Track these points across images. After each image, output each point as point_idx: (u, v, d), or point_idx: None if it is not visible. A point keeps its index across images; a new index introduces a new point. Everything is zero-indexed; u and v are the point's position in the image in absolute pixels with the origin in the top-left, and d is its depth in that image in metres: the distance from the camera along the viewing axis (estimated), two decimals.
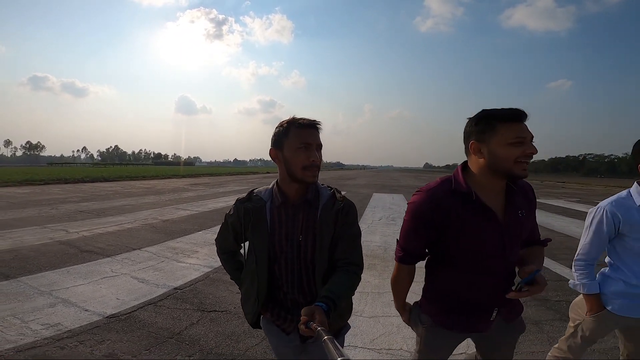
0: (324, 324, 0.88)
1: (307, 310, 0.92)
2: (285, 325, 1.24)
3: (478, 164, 1.14)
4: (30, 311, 2.80)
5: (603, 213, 1.47)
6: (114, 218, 7.40)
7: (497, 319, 1.25)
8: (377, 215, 8.93)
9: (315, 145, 1.14)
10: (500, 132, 1.06)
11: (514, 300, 1.23)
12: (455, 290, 1.24)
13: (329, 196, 1.20)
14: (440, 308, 1.28)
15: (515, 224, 1.16)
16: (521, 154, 1.05)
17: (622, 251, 1.47)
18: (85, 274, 3.74)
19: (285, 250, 1.18)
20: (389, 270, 4.22)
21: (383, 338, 2.54)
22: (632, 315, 1.46)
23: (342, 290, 1.08)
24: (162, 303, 3.07)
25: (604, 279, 1.53)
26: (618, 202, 1.46)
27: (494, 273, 1.18)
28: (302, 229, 1.17)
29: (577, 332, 1.62)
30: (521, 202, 1.19)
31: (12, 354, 2.19)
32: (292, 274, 1.19)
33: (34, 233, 5.74)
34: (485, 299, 1.21)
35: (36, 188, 14.78)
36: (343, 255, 1.17)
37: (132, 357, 2.20)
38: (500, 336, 1.32)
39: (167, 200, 11.02)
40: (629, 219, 1.42)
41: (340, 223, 1.17)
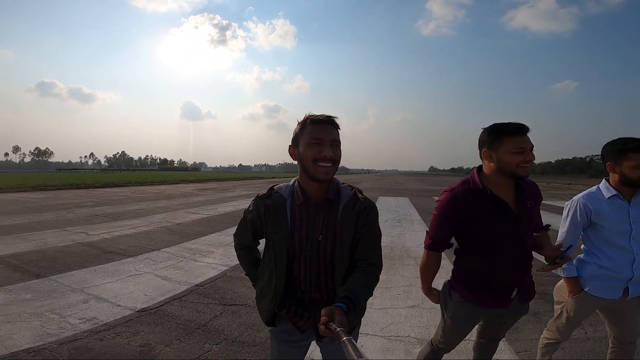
0: (343, 325, 0.88)
1: (327, 310, 0.92)
2: (301, 323, 1.24)
3: (490, 167, 1.42)
4: (67, 307, 3.04)
5: (577, 205, 1.71)
6: (129, 221, 7.69)
7: (516, 297, 1.50)
8: (383, 217, 9.13)
9: (329, 141, 1.12)
10: (505, 143, 1.34)
11: (530, 281, 1.53)
12: (481, 272, 1.49)
13: (350, 196, 1.20)
14: (468, 287, 1.53)
15: (525, 212, 1.42)
16: (522, 161, 1.33)
17: (595, 238, 1.70)
18: (111, 273, 4.01)
19: (305, 249, 1.18)
20: (394, 268, 4.44)
21: (392, 327, 2.76)
22: (606, 296, 1.67)
23: (361, 291, 1.08)
24: (186, 298, 3.32)
25: (581, 264, 1.76)
26: (589, 196, 1.71)
27: (513, 255, 1.43)
28: (322, 228, 1.17)
29: (563, 314, 1.84)
30: (529, 195, 1.46)
31: (56, 346, 2.38)
32: (310, 273, 1.19)
33: (56, 235, 6.03)
34: (507, 279, 1.47)
35: (49, 193, 15.20)
36: (363, 256, 1.17)
37: (165, 346, 2.42)
38: (510, 313, 1.57)
39: (178, 205, 11.33)
40: (599, 209, 1.66)
41: (361, 223, 1.17)
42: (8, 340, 2.40)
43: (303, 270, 1.19)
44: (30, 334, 2.52)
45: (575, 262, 1.78)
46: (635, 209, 1.62)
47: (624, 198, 1.63)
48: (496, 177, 1.41)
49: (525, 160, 1.33)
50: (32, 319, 2.76)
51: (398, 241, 6.08)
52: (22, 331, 2.55)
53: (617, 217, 1.62)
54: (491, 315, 1.64)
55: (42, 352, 2.28)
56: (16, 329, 2.58)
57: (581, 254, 1.79)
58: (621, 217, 1.62)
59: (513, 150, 1.33)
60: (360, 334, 2.59)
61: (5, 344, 2.35)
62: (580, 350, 2.42)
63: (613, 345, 1.81)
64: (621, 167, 1.59)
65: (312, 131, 1.12)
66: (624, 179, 1.60)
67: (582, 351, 2.42)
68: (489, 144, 1.39)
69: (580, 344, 2.50)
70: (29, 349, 2.30)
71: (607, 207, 1.65)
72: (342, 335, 0.79)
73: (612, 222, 1.63)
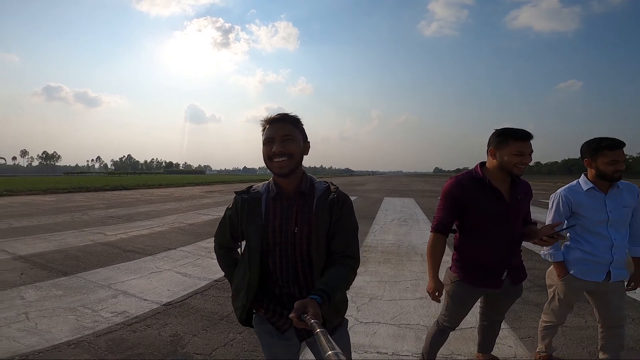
0: (317, 317, 0.87)
1: (300, 303, 0.92)
2: (280, 323, 1.22)
3: (492, 164, 1.68)
4: (97, 302, 3.23)
5: (559, 197, 1.94)
6: (143, 222, 7.93)
7: (506, 279, 1.74)
8: (390, 217, 9.30)
9: (280, 137, 1.14)
10: (510, 146, 1.59)
11: (519, 265, 1.78)
12: (476, 254, 1.74)
13: (324, 189, 1.23)
14: (465, 269, 1.78)
15: (516, 203, 1.68)
16: (519, 162, 1.59)
17: (578, 227, 1.91)
18: (134, 270, 4.22)
19: (280, 241, 1.18)
20: (402, 263, 4.62)
21: (402, 316, 2.95)
22: (590, 279, 1.89)
23: (337, 283, 1.08)
24: (207, 292, 3.52)
25: (566, 249, 1.98)
26: (569, 189, 1.94)
27: (503, 240, 1.67)
28: (297, 220, 1.18)
29: (555, 297, 2.05)
30: (520, 190, 1.72)
31: (93, 338, 2.53)
32: (287, 267, 1.18)
33: (75, 236, 6.27)
34: (498, 261, 1.71)
35: (61, 196, 15.54)
36: (340, 249, 1.18)
37: (193, 336, 2.61)
38: (504, 294, 1.81)
39: (188, 207, 11.58)
40: (578, 201, 1.89)
41: (336, 215, 1.18)
42: (47, 334, 2.56)
43: (279, 264, 1.19)
44: (68, 327, 2.68)
45: (563, 248, 2.00)
46: (611, 200, 1.84)
47: (600, 190, 1.86)
48: (496, 172, 1.67)
49: (523, 162, 1.59)
50: (67, 314, 2.94)
51: (405, 239, 6.25)
52: (59, 325, 2.72)
53: (595, 207, 1.85)
54: (487, 297, 1.89)
55: (81, 344, 2.43)
56: (53, 323, 2.75)
57: (567, 241, 2.00)
58: (599, 207, 1.84)
59: (514, 153, 1.58)
60: (373, 322, 2.79)
61: (46, 338, 2.50)
62: (581, 337, 2.59)
63: (602, 331, 1.99)
64: (596, 162, 1.82)
65: (266, 132, 1.18)
66: (600, 174, 1.83)
67: (583, 337, 2.58)
68: (497, 144, 1.64)
69: (581, 331, 2.67)
70: (69, 342, 2.45)
71: (585, 199, 1.87)
72: (315, 327, 0.78)
73: (591, 212, 1.85)
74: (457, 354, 2.33)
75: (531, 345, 2.43)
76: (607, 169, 1.78)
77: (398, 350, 2.39)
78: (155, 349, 2.41)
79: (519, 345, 2.46)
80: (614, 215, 1.83)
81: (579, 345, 2.48)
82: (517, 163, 1.59)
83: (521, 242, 1.76)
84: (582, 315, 2.93)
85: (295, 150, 1.16)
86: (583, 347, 2.44)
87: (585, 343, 2.50)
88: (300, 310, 0.90)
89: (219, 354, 2.36)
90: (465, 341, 2.48)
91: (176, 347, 2.44)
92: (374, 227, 7.61)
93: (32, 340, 2.47)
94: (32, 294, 3.36)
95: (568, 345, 2.47)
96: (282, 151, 1.14)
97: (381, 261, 4.75)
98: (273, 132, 1.16)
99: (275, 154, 1.14)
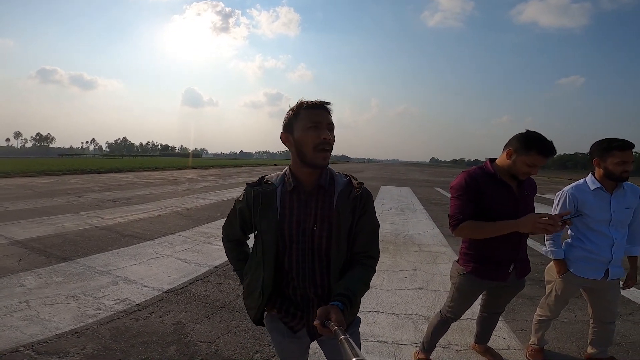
0: (341, 323, 0.86)
1: (323, 310, 0.91)
2: (293, 323, 1.18)
3: (505, 162, 1.69)
4: (98, 289, 3.22)
5: (566, 195, 1.97)
6: (140, 206, 7.91)
7: (513, 272, 1.78)
8: (387, 206, 9.37)
9: (326, 124, 1.08)
10: (528, 155, 1.59)
11: (525, 258, 1.83)
12: (484, 248, 1.76)
13: (345, 183, 1.15)
14: (473, 262, 1.81)
15: (524, 197, 1.74)
16: (529, 171, 1.63)
17: (580, 225, 1.95)
18: (134, 256, 4.23)
19: (296, 239, 1.11)
20: (400, 253, 4.70)
21: (400, 306, 3.02)
22: (589, 276, 1.94)
23: (358, 286, 1.06)
24: (208, 279, 3.55)
25: (568, 247, 2.02)
26: (577, 187, 1.97)
27: (511, 234, 1.65)
28: (316, 217, 1.11)
29: (552, 292, 2.11)
30: (527, 186, 1.78)
31: (96, 327, 2.50)
32: (303, 266, 1.12)
33: (72, 220, 6.23)
34: (505, 254, 1.75)
35: (56, 178, 15.37)
36: (363, 249, 1.14)
37: (196, 324, 2.64)
38: (508, 287, 1.86)
39: (185, 190, 11.54)
40: (584, 200, 1.92)
41: (359, 213, 1.13)
42: (50, 323, 2.53)
43: (295, 263, 1.12)
44: (70, 315, 2.66)
45: (564, 245, 2.03)
46: (616, 200, 1.88)
47: (606, 190, 1.89)
48: (505, 169, 1.71)
49: (531, 173, 1.65)
50: (68, 301, 2.92)
51: (402, 229, 6.32)
52: (61, 313, 2.69)
53: (600, 206, 1.88)
54: (491, 289, 1.92)
55: (85, 333, 2.42)
56: (55, 311, 2.73)
57: (568, 239, 2.04)
58: (603, 207, 1.88)
59: (528, 163, 1.60)
60: (372, 312, 2.85)
61: (49, 327, 2.48)
62: (571, 331, 2.67)
63: (594, 325, 2.07)
64: (606, 162, 1.85)
65: (309, 115, 1.07)
66: (608, 174, 1.85)
67: (572, 331, 2.67)
68: (517, 148, 1.62)
69: (570, 326, 2.76)
70: (72, 331, 2.45)
71: (591, 198, 1.90)
72: (339, 334, 0.78)
73: (595, 211, 1.89)
74: (454, 344, 2.40)
75: (524, 337, 2.51)
76: (616, 169, 1.81)
77: (398, 340, 2.45)
78: (159, 337, 2.44)
79: (513, 337, 2.54)
80: (616, 216, 1.87)
81: (569, 339, 2.56)
82: (526, 173, 1.64)
83: (527, 236, 1.79)
84: (572, 310, 3.01)
85: (333, 141, 1.11)
86: (572, 342, 2.52)
87: (574, 337, 2.58)
88: (324, 317, 0.89)
89: (222, 341, 2.41)
90: (461, 332, 2.55)
91: (180, 335, 2.48)
92: None
93: (35, 329, 2.46)
94: (31, 281, 3.35)
95: (558, 339, 2.55)
96: (330, 141, 1.08)
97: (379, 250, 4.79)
98: (320, 117, 1.07)
99: (325, 141, 1.06)
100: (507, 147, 1.68)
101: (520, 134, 1.65)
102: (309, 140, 1.06)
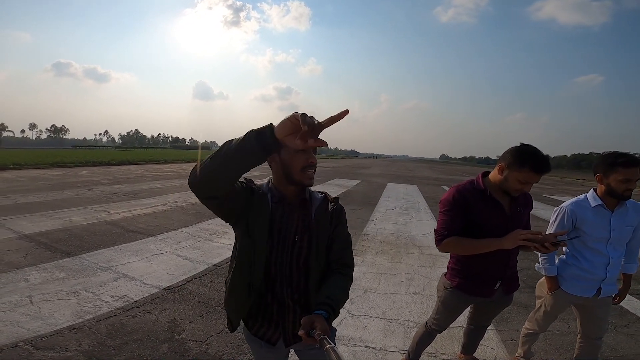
0: (325, 332, 0.88)
1: (308, 319, 0.92)
2: (270, 334, 1.20)
3: (497, 178, 1.65)
4: (99, 285, 3.30)
5: (565, 211, 1.90)
6: (147, 200, 8.04)
7: (499, 289, 1.75)
8: (391, 204, 9.33)
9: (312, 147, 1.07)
10: (521, 172, 1.52)
11: (513, 275, 1.78)
12: (471, 265, 1.74)
13: (321, 199, 1.24)
14: (459, 276, 1.79)
15: (516, 215, 1.68)
16: (521, 189, 1.57)
17: (577, 243, 1.89)
18: (135, 252, 4.33)
19: (276, 248, 1.16)
20: (400, 255, 4.69)
21: (393, 311, 3.02)
22: (581, 294, 1.89)
23: (339, 295, 1.09)
24: (205, 277, 3.62)
25: (562, 264, 1.97)
26: (577, 203, 1.89)
27: (500, 251, 1.61)
28: (297, 228, 1.17)
29: (542, 308, 2.07)
30: (520, 203, 1.70)
31: (94, 323, 2.56)
32: (281, 275, 1.17)
33: (80, 214, 6.37)
34: (492, 271, 1.71)
35: (67, 170, 15.69)
36: (337, 257, 1.20)
37: (190, 322, 2.70)
38: (494, 303, 1.83)
39: None
40: (584, 217, 1.84)
41: (334, 224, 1.21)
42: (50, 319, 2.61)
43: (273, 271, 1.16)
44: (70, 311, 2.74)
45: (558, 262, 1.99)
46: (616, 219, 1.81)
47: (607, 208, 1.82)
48: (497, 185, 1.66)
49: (523, 190, 1.59)
50: (69, 297, 3.01)
51: (404, 229, 6.29)
52: (61, 309, 2.77)
53: (599, 224, 1.82)
54: (478, 304, 1.91)
55: (82, 329, 2.49)
56: (56, 307, 2.82)
57: (563, 255, 2.00)
58: (603, 225, 1.81)
59: (520, 180, 1.54)
60: (364, 316, 2.88)
61: (48, 322, 2.56)
62: (561, 343, 2.65)
63: (581, 341, 2.03)
64: (608, 179, 1.77)
65: None
66: (610, 191, 1.77)
67: (563, 343, 2.64)
68: (508, 163, 1.57)
69: (562, 337, 2.73)
70: (70, 327, 2.52)
71: (591, 215, 1.83)
72: (325, 343, 0.80)
73: (594, 229, 1.82)
74: (442, 352, 2.40)
75: (513, 348, 2.49)
76: (619, 187, 1.73)
77: (386, 346, 2.46)
78: (153, 334, 2.50)
79: (501, 347, 2.53)
80: (615, 234, 1.80)
81: (558, 350, 2.54)
82: (518, 190, 1.58)
83: (517, 253, 1.75)
84: (566, 320, 2.97)
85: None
86: (561, 354, 2.50)
87: (564, 349, 2.55)
88: (308, 326, 0.90)
89: (213, 341, 2.46)
90: (450, 340, 2.55)
91: (173, 333, 2.54)
92: (374, 215, 7.65)
93: (36, 325, 2.55)
94: (36, 276, 3.45)
95: (547, 350, 2.53)
96: (315, 163, 1.14)
97: (379, 251, 4.81)
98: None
99: (312, 165, 1.12)
100: (499, 162, 1.63)
101: (514, 147, 1.57)
102: (297, 164, 1.11)
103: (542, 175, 1.51)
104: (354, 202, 9.47)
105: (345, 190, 12.17)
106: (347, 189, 12.67)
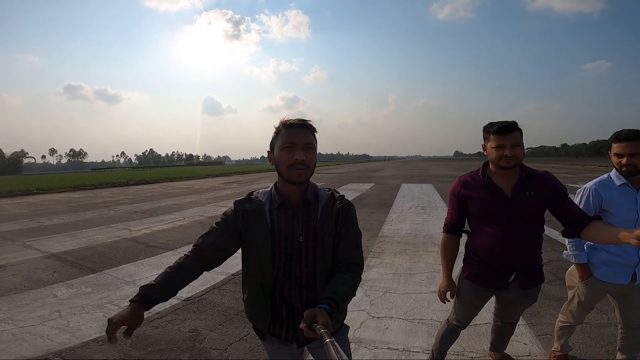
0: (327, 326, 0.87)
1: (310, 312, 0.91)
2: (284, 334, 1.22)
3: (488, 159, 1.64)
4: (123, 298, 3.38)
5: (589, 192, 1.80)
6: (165, 217, 8.21)
7: (515, 282, 1.64)
8: (407, 204, 9.21)
9: (302, 145, 1.12)
10: (490, 140, 1.59)
11: (533, 269, 1.64)
12: (478, 253, 1.70)
13: (328, 197, 1.22)
14: (469, 266, 1.77)
15: (521, 200, 1.55)
16: (500, 155, 1.54)
17: None
18: (156, 266, 4.41)
19: (285, 251, 1.16)
20: (418, 255, 4.59)
21: (415, 310, 2.95)
22: (614, 281, 1.78)
23: (344, 291, 1.07)
24: (224, 287, 3.64)
25: (591, 250, 1.85)
26: (601, 183, 1.80)
27: (506, 239, 1.58)
28: (302, 229, 1.16)
29: (575, 298, 1.96)
30: (531, 186, 1.55)
31: (119, 335, 2.73)
32: (292, 277, 1.17)
33: (102, 232, 6.57)
34: (501, 262, 1.63)
35: (89, 192, 16.23)
36: (345, 256, 1.18)
37: (210, 331, 2.72)
38: (515, 299, 1.74)
39: (207, 199, 11.86)
40: (610, 197, 1.75)
41: (341, 222, 1.18)
42: (78, 331, 2.70)
43: (282, 275, 1.17)
44: (96, 324, 2.82)
45: (587, 248, 1.88)
46: None
47: (633, 186, 1.72)
48: (493, 167, 1.63)
49: (504, 155, 1.53)
50: (95, 311, 3.11)
51: (422, 228, 6.18)
52: (88, 322, 2.88)
53: (627, 204, 1.72)
54: (500, 299, 1.84)
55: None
56: (83, 320, 2.92)
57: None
58: (630, 205, 1.72)
59: (493, 146, 1.56)
60: (386, 317, 2.81)
61: (76, 335, 2.66)
62: (602, 335, 2.50)
63: (623, 331, 1.91)
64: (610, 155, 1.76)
65: (286, 135, 1.13)
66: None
67: (603, 335, 2.49)
68: (484, 140, 1.65)
69: (602, 329, 2.58)
70: (97, 339, 2.59)
71: (618, 195, 1.74)
72: (325, 337, 0.78)
73: (622, 210, 1.72)
74: (470, 350, 2.32)
75: (548, 343, 2.38)
76: (615, 162, 1.70)
77: (409, 346, 2.40)
78: (175, 344, 2.53)
79: (535, 342, 2.41)
80: None
81: (598, 344, 2.40)
82: (498, 156, 1.56)
83: (537, 244, 1.60)
84: (604, 311, 2.82)
85: (313, 161, 1.15)
86: (602, 346, 2.37)
87: (604, 342, 2.42)
88: (310, 319, 0.89)
89: (233, 349, 2.46)
90: (478, 337, 2.47)
91: (194, 342, 2.56)
92: (390, 216, 7.56)
93: (64, 337, 2.63)
94: (63, 292, 3.57)
95: (586, 344, 2.40)
96: (305, 161, 1.11)
97: (397, 252, 4.74)
98: (294, 137, 1.12)
99: (298, 163, 1.11)
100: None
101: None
102: (283, 160, 1.12)
103: (509, 135, 1.51)
104: (369, 205, 9.40)
105: (360, 194, 12.11)
106: (361, 193, 12.61)
